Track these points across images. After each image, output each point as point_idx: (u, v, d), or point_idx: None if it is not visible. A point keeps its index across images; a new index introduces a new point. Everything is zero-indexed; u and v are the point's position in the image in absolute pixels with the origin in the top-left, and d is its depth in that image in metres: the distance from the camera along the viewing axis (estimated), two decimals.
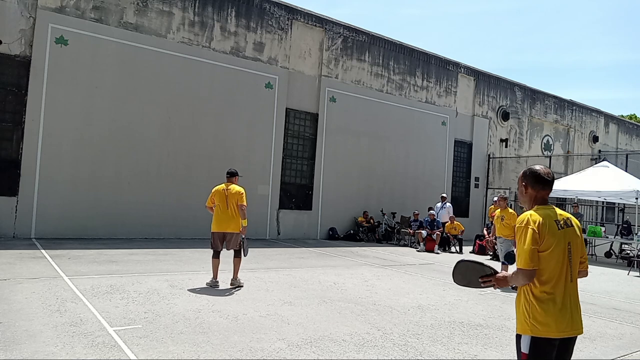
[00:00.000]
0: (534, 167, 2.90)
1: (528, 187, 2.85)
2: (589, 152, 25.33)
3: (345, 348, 4.71)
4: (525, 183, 2.87)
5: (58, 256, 8.54)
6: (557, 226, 2.68)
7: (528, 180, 2.85)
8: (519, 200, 2.98)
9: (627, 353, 5.32)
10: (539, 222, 2.64)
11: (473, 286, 3.01)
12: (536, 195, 2.81)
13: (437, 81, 18.78)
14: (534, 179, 2.83)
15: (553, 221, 2.68)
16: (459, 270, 3.06)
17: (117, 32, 11.82)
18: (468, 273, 3.02)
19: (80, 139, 11.35)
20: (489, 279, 2.85)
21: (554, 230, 2.65)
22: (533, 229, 2.62)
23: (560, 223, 2.70)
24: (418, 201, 17.25)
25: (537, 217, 2.67)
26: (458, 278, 3.07)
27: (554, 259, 2.62)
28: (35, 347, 4.15)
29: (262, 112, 14.14)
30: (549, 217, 2.69)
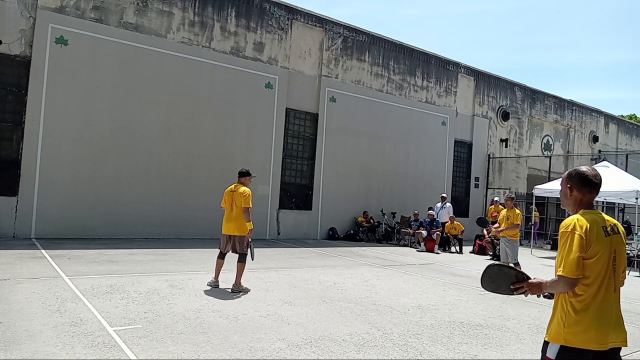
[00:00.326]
0: (580, 169, 2.71)
1: (574, 189, 2.68)
2: (589, 152, 25.32)
3: (345, 348, 4.71)
4: (570, 185, 2.69)
5: (58, 256, 8.54)
6: (605, 233, 2.53)
7: (574, 182, 2.67)
8: (562, 203, 2.82)
9: (627, 353, 5.31)
10: (586, 228, 2.49)
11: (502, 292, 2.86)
12: (582, 198, 2.65)
13: (437, 81, 18.78)
14: (581, 181, 2.65)
15: (600, 227, 2.54)
16: (488, 274, 2.88)
17: (117, 32, 11.82)
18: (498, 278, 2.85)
19: (80, 139, 11.35)
20: (520, 284, 2.70)
21: (601, 236, 2.51)
22: (580, 235, 2.47)
23: (607, 229, 2.56)
24: (418, 201, 17.25)
25: (584, 222, 2.51)
26: (486, 282, 2.89)
27: (598, 267, 2.48)
28: (35, 347, 4.15)
29: (262, 112, 14.14)
30: (596, 222, 2.54)
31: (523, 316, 6.59)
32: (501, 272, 2.85)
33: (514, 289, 2.71)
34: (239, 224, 6.92)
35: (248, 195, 6.91)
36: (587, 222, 2.51)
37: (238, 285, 6.83)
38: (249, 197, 6.90)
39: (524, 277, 2.72)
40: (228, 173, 13.33)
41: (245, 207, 6.85)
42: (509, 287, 2.77)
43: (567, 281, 2.45)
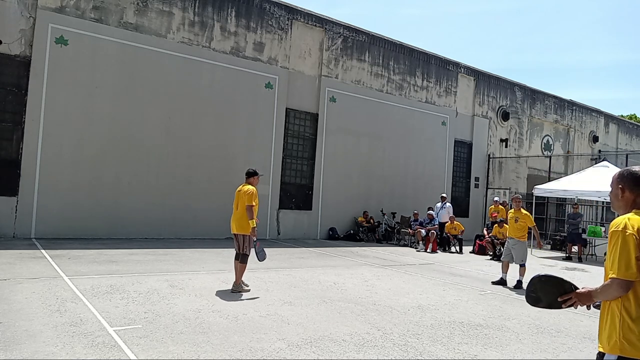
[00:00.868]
0: (633, 168, 2.52)
1: (625, 190, 2.50)
2: (589, 152, 25.33)
3: (345, 348, 4.71)
4: (622, 186, 2.51)
5: (58, 256, 8.54)
6: None
7: (626, 183, 2.50)
8: (612, 205, 2.65)
9: None
10: (638, 227, 2.32)
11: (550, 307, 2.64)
12: (635, 199, 2.47)
13: (437, 81, 18.77)
14: (634, 181, 2.47)
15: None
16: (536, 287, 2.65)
17: (117, 32, 11.82)
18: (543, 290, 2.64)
19: (80, 139, 11.35)
20: (569, 296, 2.53)
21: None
22: (633, 234, 2.30)
23: None
24: (418, 201, 17.25)
25: (636, 222, 2.34)
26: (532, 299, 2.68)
27: None
28: (35, 347, 4.15)
29: (262, 112, 14.14)
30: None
31: (523, 316, 6.59)
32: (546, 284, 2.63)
33: (562, 302, 2.56)
34: (241, 222, 6.92)
35: (252, 193, 6.86)
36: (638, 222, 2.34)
37: (237, 286, 6.82)
38: (252, 195, 6.85)
39: (572, 288, 2.56)
40: (228, 173, 13.38)
41: (247, 204, 6.80)
42: (556, 300, 2.58)
43: (621, 284, 2.30)
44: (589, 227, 15.71)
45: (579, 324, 6.41)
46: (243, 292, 6.74)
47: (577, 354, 5.15)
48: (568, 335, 5.82)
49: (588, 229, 15.38)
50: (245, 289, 6.83)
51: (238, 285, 6.83)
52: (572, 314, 6.97)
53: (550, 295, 2.60)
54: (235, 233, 6.96)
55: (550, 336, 5.69)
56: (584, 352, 5.20)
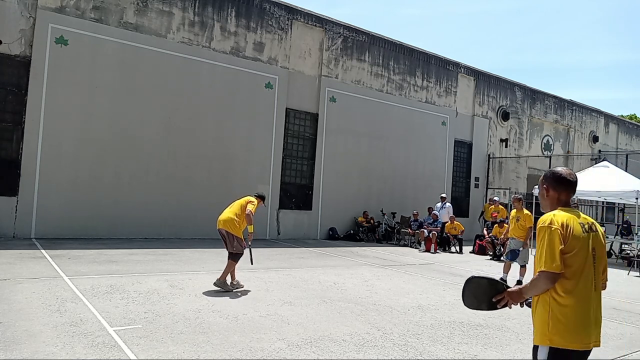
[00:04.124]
0: (555, 169, 2.74)
1: (550, 189, 2.69)
2: (589, 152, 25.32)
3: (345, 348, 4.71)
4: (546, 186, 2.71)
5: (58, 256, 8.54)
6: (582, 229, 2.51)
7: (549, 182, 2.70)
8: (540, 204, 2.81)
9: (627, 353, 5.32)
10: (562, 222, 2.48)
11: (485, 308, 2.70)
12: (558, 197, 2.66)
13: (437, 81, 18.77)
14: (555, 180, 2.67)
15: (578, 223, 2.52)
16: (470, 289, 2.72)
17: (117, 32, 11.82)
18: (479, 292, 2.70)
19: (80, 139, 11.34)
20: (502, 296, 2.61)
21: (578, 232, 2.48)
22: (557, 229, 2.45)
23: (585, 227, 2.54)
24: (418, 201, 17.25)
25: (560, 217, 2.51)
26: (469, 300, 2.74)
27: (578, 264, 2.45)
28: (35, 347, 4.15)
29: (262, 112, 14.14)
30: (573, 219, 2.52)
31: (523, 316, 6.59)
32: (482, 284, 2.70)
33: (495, 302, 2.62)
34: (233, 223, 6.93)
35: (256, 204, 7.14)
36: (564, 218, 2.50)
37: (221, 281, 6.78)
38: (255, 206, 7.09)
39: (503, 287, 2.63)
40: (228, 173, 13.39)
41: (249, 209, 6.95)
42: (491, 301, 2.65)
43: (548, 276, 2.41)
44: None
45: None
46: (227, 291, 6.71)
47: None
48: None
49: None
50: (229, 289, 6.79)
51: (221, 282, 6.77)
52: None
53: (485, 296, 2.65)
54: (227, 231, 6.91)
55: None
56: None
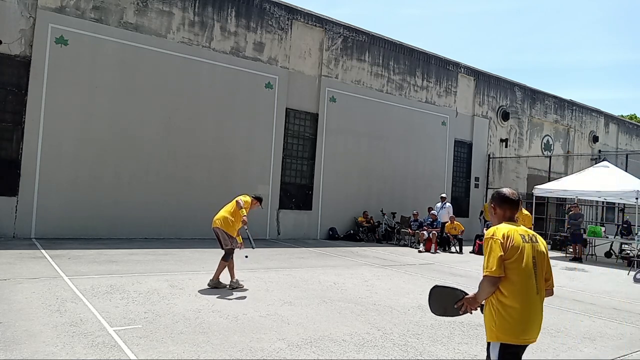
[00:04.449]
0: (501, 190, 3.11)
1: (496, 207, 3.07)
2: (589, 152, 25.32)
3: (345, 348, 4.71)
4: (493, 205, 3.09)
5: (58, 256, 8.54)
6: (522, 239, 2.86)
7: (496, 202, 3.08)
8: (491, 220, 3.15)
9: (627, 353, 5.32)
10: (503, 234, 2.84)
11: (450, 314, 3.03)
12: (504, 214, 3.03)
13: (437, 81, 18.77)
14: (501, 200, 3.05)
15: (518, 234, 2.87)
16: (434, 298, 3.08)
17: (117, 32, 11.82)
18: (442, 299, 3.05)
19: (80, 139, 11.35)
20: (462, 302, 2.96)
21: (518, 241, 2.83)
22: (498, 239, 2.81)
23: (525, 237, 2.89)
24: (418, 201, 17.25)
25: (502, 229, 2.88)
26: (435, 307, 3.11)
27: (519, 269, 2.78)
28: (35, 347, 4.15)
29: (262, 112, 14.14)
30: (515, 231, 2.88)
31: None
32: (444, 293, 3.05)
33: (458, 308, 2.97)
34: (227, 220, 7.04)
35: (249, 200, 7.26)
36: (505, 230, 2.87)
37: (214, 281, 6.92)
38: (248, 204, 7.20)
39: (463, 295, 2.97)
40: (228, 173, 13.39)
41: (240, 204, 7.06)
42: (454, 307, 2.98)
43: (491, 280, 2.77)
44: (589, 227, 15.71)
45: (579, 324, 6.41)
46: (220, 288, 6.84)
47: (577, 354, 5.15)
48: (568, 335, 5.82)
49: (588, 229, 15.38)
50: (223, 286, 6.92)
51: (215, 281, 6.92)
52: (572, 314, 6.97)
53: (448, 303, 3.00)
54: (220, 229, 7.01)
55: (550, 336, 5.69)
56: (583, 352, 5.20)
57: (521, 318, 2.75)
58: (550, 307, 7.34)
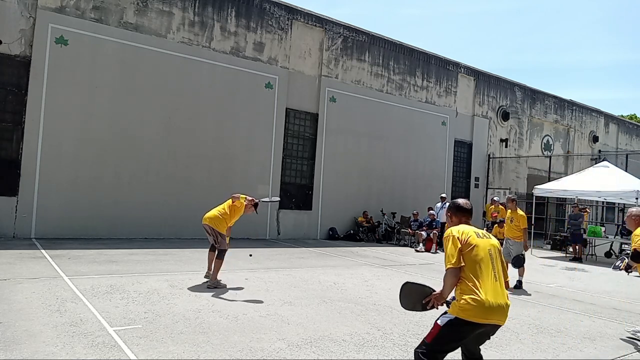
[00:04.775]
0: (456, 200, 3.62)
1: (453, 216, 3.58)
2: (589, 152, 25.32)
3: (345, 348, 4.71)
4: (450, 213, 3.61)
5: (58, 256, 8.54)
6: (477, 236, 3.33)
7: (452, 211, 3.59)
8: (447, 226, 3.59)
9: (627, 353, 5.32)
10: (458, 230, 3.35)
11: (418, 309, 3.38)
12: (459, 221, 3.53)
13: (437, 81, 18.77)
14: (456, 209, 3.58)
15: (473, 232, 3.35)
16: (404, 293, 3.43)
17: (117, 32, 11.81)
18: (412, 296, 3.40)
19: (80, 139, 11.34)
20: (429, 298, 3.35)
21: (473, 237, 3.30)
22: (455, 236, 3.30)
23: (479, 234, 3.36)
24: (418, 201, 17.25)
25: (457, 228, 3.39)
26: (405, 302, 3.45)
27: (477, 258, 3.21)
28: (35, 347, 4.15)
29: (262, 112, 14.14)
30: (469, 229, 3.38)
31: (523, 316, 6.59)
32: (413, 289, 3.42)
33: (426, 304, 3.36)
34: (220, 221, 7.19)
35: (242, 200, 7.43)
36: (461, 228, 3.38)
37: (213, 282, 6.99)
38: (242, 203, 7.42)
39: (431, 291, 3.37)
40: (228, 173, 13.39)
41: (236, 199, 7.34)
42: (422, 303, 3.35)
43: (452, 271, 3.23)
44: (589, 227, 15.72)
45: (579, 324, 6.41)
46: (220, 288, 6.89)
47: (577, 354, 5.15)
48: (568, 335, 5.82)
49: (588, 229, 15.38)
50: (222, 284, 7.01)
51: (214, 281, 6.97)
52: (572, 314, 6.97)
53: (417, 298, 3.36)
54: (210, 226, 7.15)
55: (550, 336, 5.69)
56: (584, 352, 5.20)
57: (481, 300, 3.09)
58: (550, 307, 7.35)
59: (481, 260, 3.21)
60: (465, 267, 3.20)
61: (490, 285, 3.16)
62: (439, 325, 3.21)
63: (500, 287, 3.21)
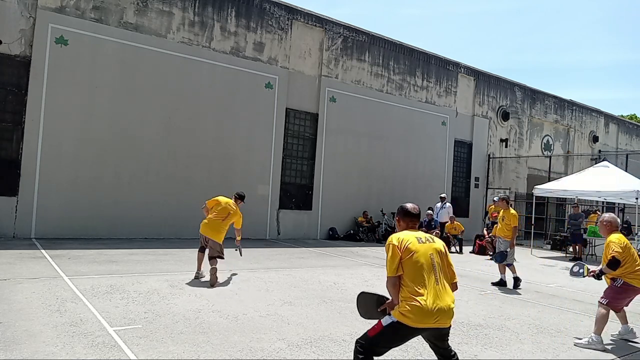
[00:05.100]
0: (405, 205, 3.67)
1: (400, 220, 3.65)
2: (589, 152, 25.32)
3: (345, 348, 4.71)
4: (398, 218, 3.67)
5: (58, 256, 8.54)
6: (418, 241, 3.38)
7: (400, 215, 3.66)
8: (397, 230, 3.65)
9: (627, 353, 5.32)
10: (399, 238, 3.39)
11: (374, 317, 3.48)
12: (406, 225, 3.58)
13: (437, 81, 18.77)
14: (403, 213, 3.63)
15: (414, 237, 3.40)
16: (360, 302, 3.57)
17: (117, 32, 11.81)
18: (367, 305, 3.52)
19: (80, 139, 11.34)
20: (384, 306, 3.42)
21: (414, 242, 3.35)
22: (394, 244, 3.34)
23: (421, 239, 3.41)
24: (418, 201, 16.87)
25: (399, 236, 3.42)
26: (361, 311, 3.59)
27: (417, 265, 3.28)
28: (35, 347, 4.15)
29: (262, 112, 14.14)
30: (411, 235, 3.42)
31: (523, 316, 6.59)
32: (366, 299, 3.55)
33: (382, 312, 3.43)
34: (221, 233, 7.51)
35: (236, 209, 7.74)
36: (402, 235, 3.41)
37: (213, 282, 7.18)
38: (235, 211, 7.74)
39: (385, 299, 3.48)
40: (228, 173, 13.38)
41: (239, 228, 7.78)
42: (377, 311, 3.45)
43: (390, 280, 3.34)
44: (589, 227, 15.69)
45: (579, 324, 6.41)
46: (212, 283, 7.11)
47: (577, 353, 5.15)
48: (568, 335, 5.82)
49: (588, 229, 15.37)
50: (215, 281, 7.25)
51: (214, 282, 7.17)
52: (572, 314, 6.97)
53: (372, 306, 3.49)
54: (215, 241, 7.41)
55: (550, 336, 5.69)
56: (584, 352, 5.20)
57: (422, 306, 3.17)
58: (550, 307, 7.34)
59: (421, 266, 3.28)
60: (405, 274, 3.28)
61: (432, 290, 3.23)
62: (381, 325, 3.31)
63: (444, 290, 3.29)
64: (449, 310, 3.26)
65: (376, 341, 3.31)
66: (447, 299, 3.27)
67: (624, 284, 5.45)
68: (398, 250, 3.31)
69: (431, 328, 3.25)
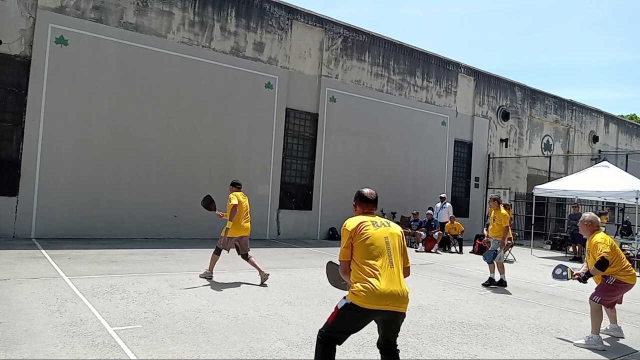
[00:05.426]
0: (361, 190, 3.74)
1: (356, 205, 3.71)
2: (589, 152, 25.32)
3: (345, 348, 4.70)
4: (355, 203, 3.72)
5: (58, 256, 8.54)
6: (374, 225, 3.41)
7: (356, 200, 3.72)
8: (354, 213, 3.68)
9: (627, 353, 5.32)
10: (353, 222, 3.44)
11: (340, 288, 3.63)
12: (362, 210, 3.63)
13: (437, 81, 18.77)
14: (360, 199, 3.70)
15: (370, 222, 3.43)
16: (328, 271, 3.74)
17: (117, 32, 11.81)
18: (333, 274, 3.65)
19: (80, 139, 11.34)
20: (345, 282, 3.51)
21: (369, 226, 3.39)
22: (347, 229, 3.41)
23: (377, 223, 3.45)
24: (418, 201, 17.24)
25: (353, 219, 3.48)
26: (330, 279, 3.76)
27: (371, 247, 3.31)
28: (35, 347, 4.15)
29: (262, 112, 14.14)
30: (367, 219, 3.47)
31: (523, 316, 6.59)
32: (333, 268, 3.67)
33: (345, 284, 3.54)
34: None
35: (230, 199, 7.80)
36: (356, 220, 3.46)
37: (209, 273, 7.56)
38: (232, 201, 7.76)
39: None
40: (228, 173, 13.34)
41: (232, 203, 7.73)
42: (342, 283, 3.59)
43: (341, 264, 3.45)
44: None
45: (579, 324, 6.41)
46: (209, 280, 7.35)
47: (577, 354, 5.15)
48: (568, 335, 5.82)
49: None
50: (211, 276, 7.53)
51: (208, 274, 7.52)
52: (572, 314, 6.97)
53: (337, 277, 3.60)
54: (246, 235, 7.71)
55: (550, 336, 5.69)
56: (584, 352, 5.20)
57: (374, 288, 3.18)
58: (550, 307, 7.35)
59: (375, 249, 3.30)
60: (358, 256, 3.32)
61: (385, 273, 3.25)
62: (337, 309, 3.34)
63: (398, 274, 3.32)
64: (403, 294, 3.28)
65: (335, 326, 3.33)
66: (400, 284, 3.30)
67: (617, 282, 5.58)
68: (350, 234, 3.37)
69: (383, 310, 3.22)
